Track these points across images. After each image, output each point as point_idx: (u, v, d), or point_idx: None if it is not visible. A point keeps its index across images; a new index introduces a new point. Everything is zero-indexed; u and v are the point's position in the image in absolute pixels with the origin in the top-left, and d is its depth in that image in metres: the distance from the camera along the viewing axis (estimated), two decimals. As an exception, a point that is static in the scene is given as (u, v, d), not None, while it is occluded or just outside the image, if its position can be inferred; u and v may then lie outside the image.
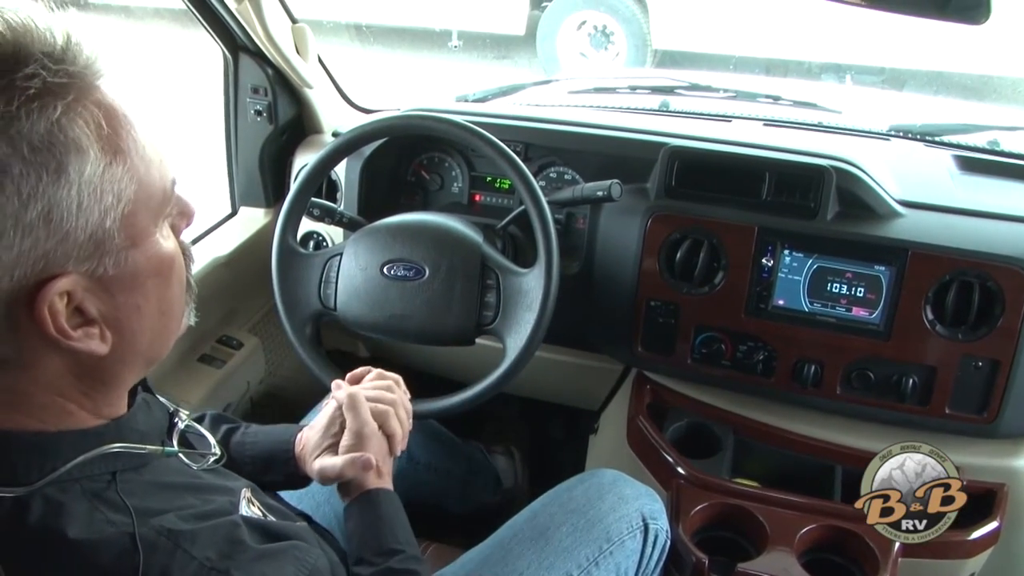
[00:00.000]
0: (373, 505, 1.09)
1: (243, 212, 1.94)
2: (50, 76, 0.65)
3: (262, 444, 1.19)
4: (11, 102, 0.63)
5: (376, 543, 1.06)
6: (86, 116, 0.67)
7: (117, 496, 0.73)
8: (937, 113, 2.45)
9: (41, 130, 0.64)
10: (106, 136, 0.69)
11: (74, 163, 0.66)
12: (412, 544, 1.08)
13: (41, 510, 0.70)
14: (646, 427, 1.57)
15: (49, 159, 0.65)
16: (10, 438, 0.72)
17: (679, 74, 2.26)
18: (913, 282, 1.40)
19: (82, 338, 0.71)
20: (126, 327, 0.74)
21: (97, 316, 0.72)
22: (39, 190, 0.65)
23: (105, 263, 0.70)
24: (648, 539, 1.31)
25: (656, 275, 1.54)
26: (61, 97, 0.66)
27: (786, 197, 1.48)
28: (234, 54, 1.79)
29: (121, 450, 0.77)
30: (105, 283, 0.71)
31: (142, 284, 0.74)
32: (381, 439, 1.14)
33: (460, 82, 4.37)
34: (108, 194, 0.69)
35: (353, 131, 1.49)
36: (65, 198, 0.66)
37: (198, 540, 0.73)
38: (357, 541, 1.08)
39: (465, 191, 1.79)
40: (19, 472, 0.71)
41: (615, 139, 1.66)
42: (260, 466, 1.17)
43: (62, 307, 0.68)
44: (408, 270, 1.42)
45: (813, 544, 1.38)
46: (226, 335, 1.83)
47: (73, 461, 0.73)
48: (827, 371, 1.48)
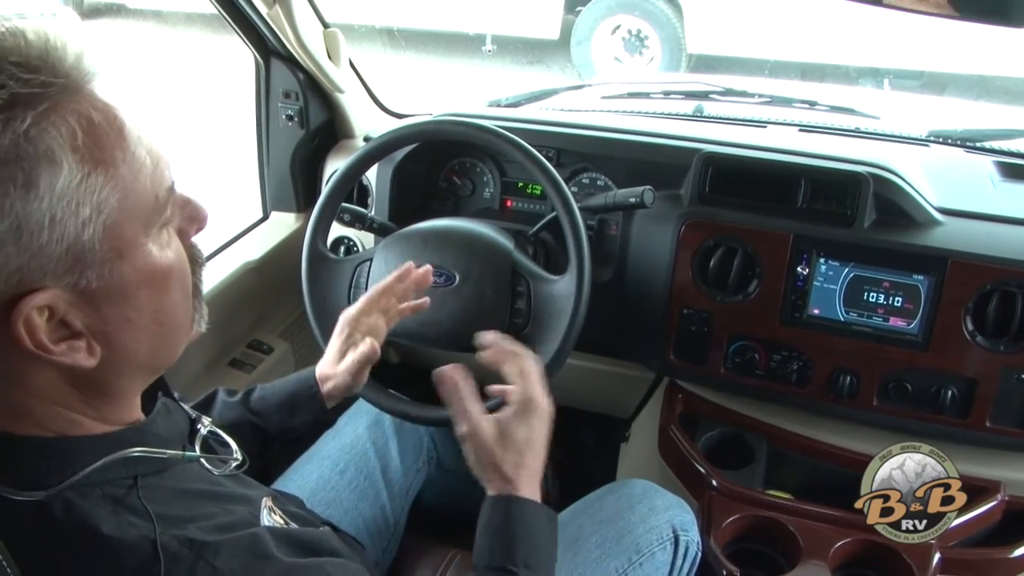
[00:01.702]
0: (499, 512, 1.02)
1: (274, 217, 1.95)
2: (19, 86, 0.63)
3: (282, 389, 1.22)
4: None
5: (490, 555, 1.00)
6: (60, 126, 0.65)
7: (138, 501, 0.73)
8: (978, 118, 2.40)
9: (5, 143, 0.62)
10: (84, 146, 0.66)
11: (44, 176, 0.64)
12: (531, 565, 0.99)
13: (63, 513, 0.70)
14: (678, 436, 1.55)
15: (16, 172, 0.62)
16: (30, 443, 0.72)
17: (713, 79, 2.23)
18: (953, 291, 1.37)
19: (66, 352, 0.69)
20: (116, 339, 0.72)
21: (83, 329, 0.70)
22: (6, 204, 0.62)
23: (88, 276, 0.68)
24: (679, 551, 1.29)
25: (689, 283, 1.52)
26: (32, 107, 0.63)
27: (822, 204, 1.45)
28: (265, 59, 1.79)
29: (142, 454, 0.76)
30: (89, 296, 0.69)
31: (132, 295, 0.72)
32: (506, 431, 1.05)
33: (494, 87, 4.37)
34: (85, 206, 0.66)
35: (384, 136, 1.48)
36: (35, 212, 0.64)
37: (221, 552, 0.72)
38: (477, 547, 1.02)
39: (497, 197, 1.78)
40: (40, 476, 0.71)
41: (648, 145, 1.64)
42: (287, 410, 1.20)
43: (41, 322, 0.67)
44: (439, 276, 1.41)
45: (848, 559, 1.35)
46: (256, 339, 1.84)
47: (94, 464, 0.72)
48: (863, 382, 1.45)
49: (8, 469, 0.70)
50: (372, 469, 1.45)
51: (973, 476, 1.40)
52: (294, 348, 1.90)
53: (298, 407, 1.20)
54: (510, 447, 1.04)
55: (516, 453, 1.04)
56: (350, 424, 1.53)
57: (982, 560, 1.38)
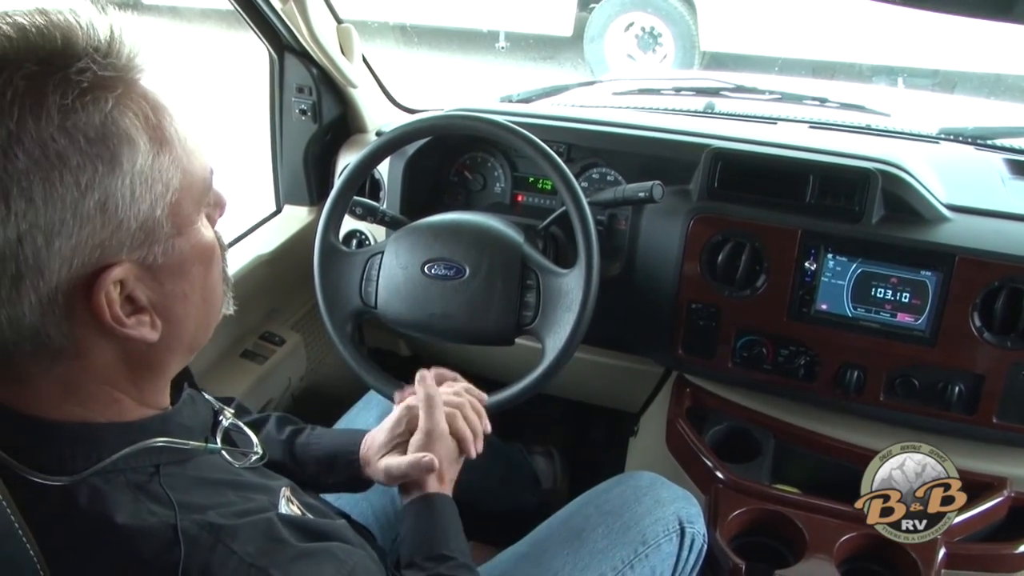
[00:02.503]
0: (430, 509, 1.10)
1: (287, 210, 1.96)
2: (100, 70, 0.67)
3: (326, 445, 1.20)
4: (66, 95, 0.65)
5: (428, 547, 1.07)
6: (134, 108, 0.69)
7: (160, 488, 0.75)
8: (990, 116, 2.40)
9: (96, 122, 0.66)
10: (153, 127, 0.71)
11: (127, 154, 0.68)
12: (464, 552, 1.08)
13: (87, 498, 0.72)
14: (685, 430, 1.56)
15: (104, 150, 0.67)
16: (58, 428, 0.74)
17: (724, 76, 2.23)
18: (960, 288, 1.38)
19: (135, 325, 0.72)
20: (173, 314, 0.76)
21: (147, 304, 0.73)
22: (96, 180, 0.67)
23: (155, 251, 0.72)
24: (684, 543, 1.30)
25: (697, 277, 1.53)
26: (111, 90, 0.68)
27: (830, 200, 1.46)
28: (279, 54, 1.81)
29: (165, 444, 0.78)
30: (154, 271, 0.73)
31: (188, 271, 0.76)
32: (450, 442, 1.16)
33: (507, 83, 4.38)
34: (158, 183, 0.71)
35: (396, 130, 1.50)
36: (119, 188, 0.68)
37: (238, 536, 0.74)
38: (410, 543, 1.08)
39: (507, 191, 1.80)
40: (66, 461, 0.73)
41: (658, 140, 1.65)
42: (324, 467, 1.19)
43: (116, 295, 0.70)
44: (449, 269, 1.43)
45: (853, 553, 1.36)
46: (268, 331, 1.85)
47: (119, 452, 0.74)
48: (870, 377, 1.45)
49: (38, 454, 0.72)
50: (382, 460, 1.46)
51: (979, 472, 1.41)
52: (306, 340, 1.92)
53: (335, 467, 1.19)
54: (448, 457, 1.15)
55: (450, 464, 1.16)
56: (361, 415, 1.54)
57: (987, 555, 1.38)
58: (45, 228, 0.65)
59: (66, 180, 0.65)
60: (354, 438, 1.20)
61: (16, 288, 0.66)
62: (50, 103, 0.64)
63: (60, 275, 0.67)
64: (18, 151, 0.63)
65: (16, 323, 0.68)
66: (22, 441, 0.73)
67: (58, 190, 0.65)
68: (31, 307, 0.67)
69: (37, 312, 0.68)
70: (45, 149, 0.64)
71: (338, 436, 1.23)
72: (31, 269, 0.66)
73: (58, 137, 0.65)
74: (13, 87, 0.63)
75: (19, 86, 0.64)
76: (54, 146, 0.65)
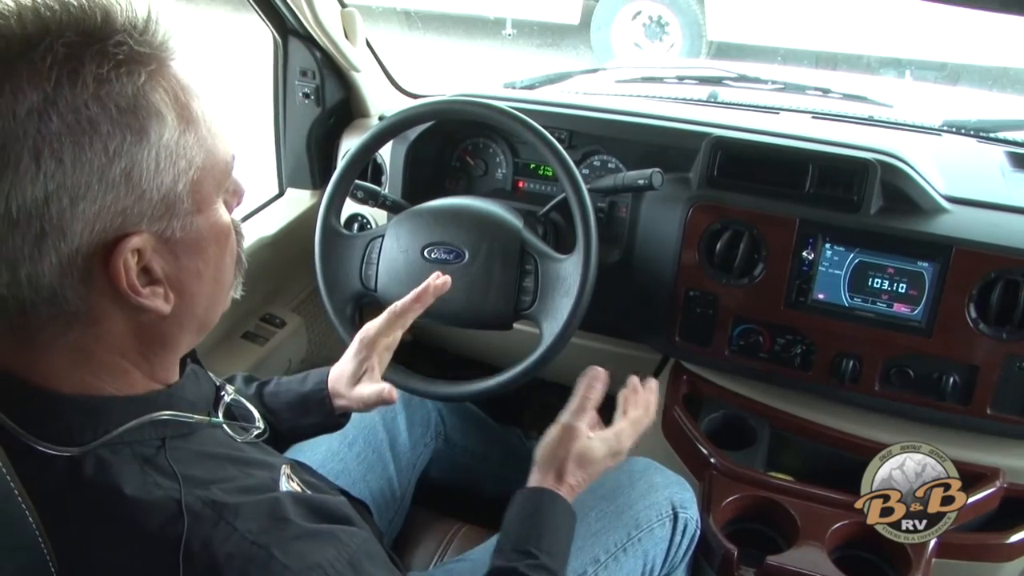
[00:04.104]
0: (536, 502, 1.11)
1: (290, 193, 1.97)
2: (136, 45, 0.69)
3: (296, 389, 1.23)
4: (103, 65, 0.67)
5: (517, 539, 1.07)
6: (165, 85, 0.72)
7: (166, 461, 0.76)
8: (994, 109, 2.40)
9: (128, 93, 0.69)
10: (182, 105, 0.73)
11: (155, 127, 0.70)
12: (554, 555, 1.07)
13: (94, 469, 0.73)
14: (681, 417, 1.57)
15: (133, 121, 0.69)
16: (67, 400, 0.75)
17: (728, 65, 2.24)
18: (957, 279, 1.38)
19: (149, 296, 0.74)
20: (187, 290, 0.78)
21: (162, 276, 0.75)
22: (123, 149, 0.69)
23: (173, 225, 0.74)
24: (677, 528, 1.31)
25: (696, 265, 1.53)
26: (145, 65, 0.70)
27: (829, 190, 1.46)
28: (283, 37, 1.81)
29: (170, 418, 0.80)
30: (172, 245, 0.75)
31: (204, 249, 0.78)
32: (610, 447, 1.19)
33: (513, 70, 4.38)
34: (181, 159, 0.73)
35: (397, 115, 1.50)
36: (145, 159, 0.70)
37: (241, 513, 0.75)
38: (506, 529, 1.10)
39: (509, 177, 1.80)
40: (73, 433, 0.74)
41: (659, 128, 1.65)
42: (298, 410, 1.22)
43: (133, 264, 0.72)
44: (448, 253, 1.44)
45: (845, 540, 1.37)
46: (270, 313, 1.86)
47: (125, 425, 0.76)
48: (866, 367, 1.46)
49: (45, 425, 0.74)
50: (380, 442, 1.47)
51: (972, 463, 1.42)
52: (307, 322, 1.93)
53: (309, 410, 1.22)
54: (583, 461, 1.16)
55: (581, 469, 1.16)
56: (360, 397, 1.55)
57: (978, 545, 1.39)
58: (72, 190, 0.67)
59: (95, 146, 0.67)
60: (321, 377, 1.23)
61: (38, 246, 0.68)
62: (86, 71, 0.67)
63: (82, 238, 0.69)
64: (52, 114, 0.66)
65: (35, 281, 0.69)
66: (30, 412, 0.74)
67: (87, 154, 0.67)
68: (51, 267, 0.69)
69: (56, 272, 0.70)
70: (78, 115, 0.66)
71: (305, 379, 1.25)
72: (54, 229, 0.68)
73: (91, 104, 0.67)
74: (53, 53, 0.66)
75: (59, 52, 0.66)
76: (87, 112, 0.67)
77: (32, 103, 0.65)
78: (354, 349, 1.23)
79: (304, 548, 0.77)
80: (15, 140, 0.65)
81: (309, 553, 0.77)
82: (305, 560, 0.75)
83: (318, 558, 0.77)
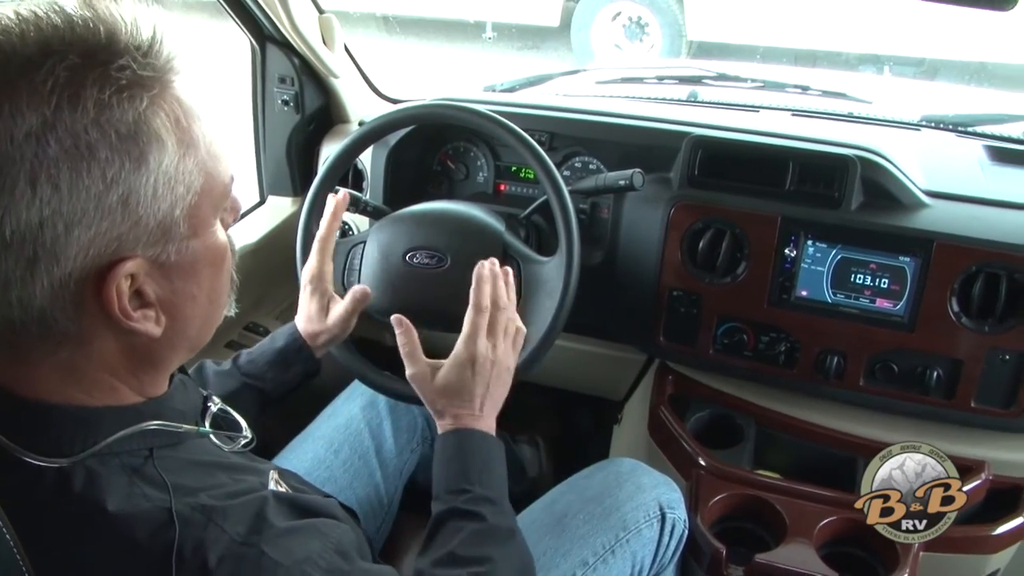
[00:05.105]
0: (452, 442, 1.11)
1: (271, 201, 1.96)
2: (139, 68, 0.69)
3: (270, 350, 1.29)
4: (104, 90, 0.67)
5: (447, 480, 1.07)
6: (167, 109, 0.71)
7: (155, 471, 0.76)
8: (972, 103, 2.41)
9: (129, 119, 0.68)
10: (183, 129, 0.73)
11: (154, 153, 0.70)
12: (485, 484, 1.07)
13: (82, 481, 0.73)
14: (667, 417, 1.57)
15: (133, 147, 0.69)
16: (55, 411, 0.75)
17: (708, 64, 2.24)
18: (938, 273, 1.39)
19: (140, 320, 0.74)
20: (179, 313, 0.78)
21: (155, 300, 0.75)
22: (121, 176, 0.68)
23: (169, 250, 0.74)
24: (665, 528, 1.31)
25: (679, 265, 1.54)
26: (148, 89, 0.70)
27: (810, 187, 1.46)
28: (261, 44, 1.81)
29: (159, 427, 0.80)
30: (166, 269, 0.75)
31: (198, 272, 0.78)
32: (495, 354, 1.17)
33: (494, 73, 4.39)
34: (180, 185, 0.72)
35: (376, 120, 1.49)
36: (143, 185, 0.70)
37: (230, 516, 0.75)
38: (435, 477, 1.10)
39: (490, 181, 1.80)
40: (63, 444, 0.74)
41: (639, 129, 1.65)
42: (279, 367, 1.28)
43: (126, 288, 0.72)
44: (429, 258, 1.43)
45: (833, 536, 1.37)
46: (253, 322, 1.85)
47: (114, 435, 0.75)
48: (850, 363, 1.47)
49: (35, 437, 0.74)
50: (366, 449, 1.47)
51: (958, 456, 1.40)
52: (290, 331, 1.92)
53: (289, 362, 1.28)
54: (452, 387, 1.14)
55: (461, 392, 1.14)
56: (345, 405, 1.55)
57: (965, 537, 1.39)
58: (67, 216, 0.67)
59: (93, 172, 0.67)
60: (290, 330, 1.31)
61: (31, 270, 0.68)
62: (87, 96, 0.66)
63: (75, 263, 0.69)
64: (51, 139, 0.65)
65: (26, 304, 0.69)
66: (20, 423, 0.74)
67: (84, 181, 0.67)
68: (42, 290, 0.69)
69: (48, 296, 0.69)
70: (77, 140, 0.66)
71: (274, 337, 1.32)
72: (48, 254, 0.67)
73: (91, 130, 0.66)
74: (54, 77, 0.65)
75: (60, 76, 0.65)
76: (86, 138, 0.66)
77: (31, 126, 0.65)
78: (308, 290, 1.33)
79: (293, 543, 0.77)
80: (11, 164, 0.65)
81: (298, 547, 0.77)
82: (294, 555, 0.76)
83: (307, 551, 0.77)
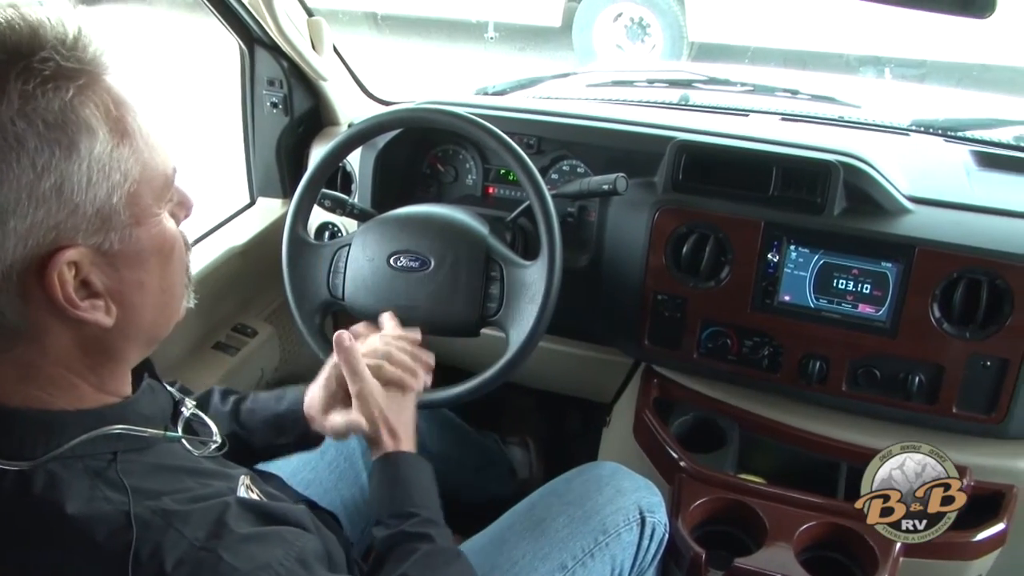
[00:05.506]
0: (391, 467, 1.10)
1: (261, 203, 1.97)
2: (63, 60, 0.70)
3: (272, 408, 1.21)
4: (28, 82, 0.68)
5: (391, 505, 1.07)
6: (96, 100, 0.72)
7: (116, 475, 0.76)
8: (964, 107, 2.40)
9: (55, 108, 0.69)
10: (114, 119, 0.73)
11: (85, 141, 0.71)
12: (429, 507, 1.08)
13: (43, 484, 0.74)
14: (651, 421, 1.57)
15: (62, 136, 0.70)
16: (17, 415, 0.75)
17: (698, 67, 2.24)
18: (920, 279, 1.39)
19: (88, 309, 0.74)
20: (129, 301, 0.78)
21: (102, 289, 0.75)
22: (52, 164, 0.69)
23: (111, 238, 0.74)
24: (645, 532, 1.31)
25: (663, 269, 1.54)
26: (73, 80, 0.71)
27: (793, 192, 1.46)
28: (249, 47, 1.81)
29: (124, 431, 0.80)
30: (111, 258, 0.75)
31: (145, 260, 0.79)
32: (386, 393, 1.13)
33: (496, 73, 4.39)
34: (115, 172, 0.73)
35: (363, 123, 1.50)
36: (76, 173, 0.71)
37: (190, 520, 0.76)
38: (376, 503, 1.10)
39: (479, 184, 1.80)
40: (25, 447, 0.74)
41: (625, 133, 1.65)
42: (273, 430, 1.20)
43: (70, 277, 0.72)
44: (414, 261, 1.44)
45: (813, 541, 1.37)
46: (241, 323, 1.86)
47: (77, 439, 0.76)
48: (833, 367, 1.47)
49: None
50: (352, 451, 1.47)
51: (939, 461, 1.42)
52: (278, 332, 1.92)
53: (284, 430, 1.20)
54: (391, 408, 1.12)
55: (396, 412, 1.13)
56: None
57: (946, 543, 1.38)
58: (1, 207, 0.68)
59: (23, 162, 0.68)
60: (296, 398, 1.20)
61: None
62: (11, 88, 0.67)
63: (15, 254, 0.69)
64: None
65: None
66: None
67: (14, 171, 0.68)
68: None
69: None
70: (4, 132, 0.67)
71: (282, 397, 1.22)
72: None
73: (17, 121, 0.68)
74: None
75: None
76: (13, 129, 0.67)
77: None
78: (324, 375, 1.19)
79: (253, 550, 0.77)
80: None
81: (258, 554, 0.77)
82: (254, 561, 0.76)
83: (267, 558, 0.77)
